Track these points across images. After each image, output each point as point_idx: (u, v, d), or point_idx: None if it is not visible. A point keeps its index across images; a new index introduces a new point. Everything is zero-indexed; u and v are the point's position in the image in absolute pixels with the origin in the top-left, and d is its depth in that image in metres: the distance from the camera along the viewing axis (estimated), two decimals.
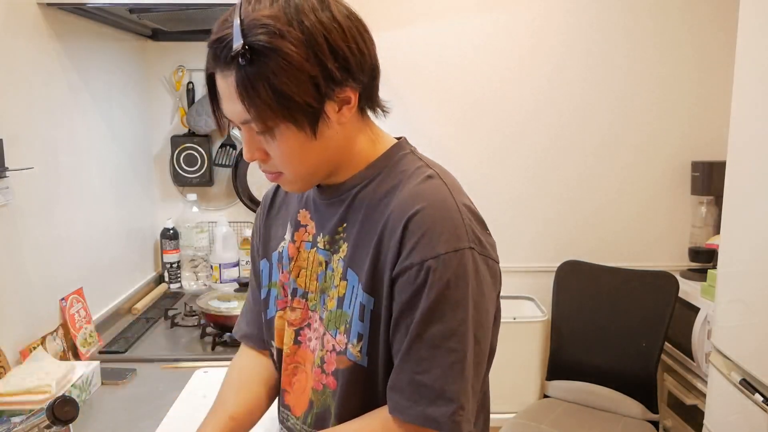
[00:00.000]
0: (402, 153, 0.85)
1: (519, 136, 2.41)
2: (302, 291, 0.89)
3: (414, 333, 0.74)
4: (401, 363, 0.76)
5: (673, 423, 2.24)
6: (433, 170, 0.81)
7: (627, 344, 2.14)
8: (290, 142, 0.76)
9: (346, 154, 0.82)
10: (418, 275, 0.74)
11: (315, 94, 0.73)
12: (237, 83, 0.71)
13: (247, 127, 0.77)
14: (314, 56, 0.71)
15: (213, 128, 2.22)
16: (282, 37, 0.70)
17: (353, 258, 0.82)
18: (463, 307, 0.74)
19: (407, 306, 0.75)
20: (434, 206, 0.76)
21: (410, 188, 0.79)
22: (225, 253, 2.23)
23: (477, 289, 0.75)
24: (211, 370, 1.49)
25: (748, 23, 1.54)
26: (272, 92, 0.70)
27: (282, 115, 0.72)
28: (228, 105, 0.75)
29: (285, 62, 0.70)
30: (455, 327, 0.74)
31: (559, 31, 2.36)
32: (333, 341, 0.83)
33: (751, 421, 1.48)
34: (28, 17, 1.48)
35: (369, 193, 0.82)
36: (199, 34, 2.18)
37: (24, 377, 1.26)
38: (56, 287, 1.58)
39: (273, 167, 0.80)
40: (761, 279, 1.47)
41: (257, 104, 0.71)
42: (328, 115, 0.75)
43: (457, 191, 0.80)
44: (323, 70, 0.72)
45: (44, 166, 1.53)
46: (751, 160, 1.52)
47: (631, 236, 2.45)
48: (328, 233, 0.86)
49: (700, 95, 2.37)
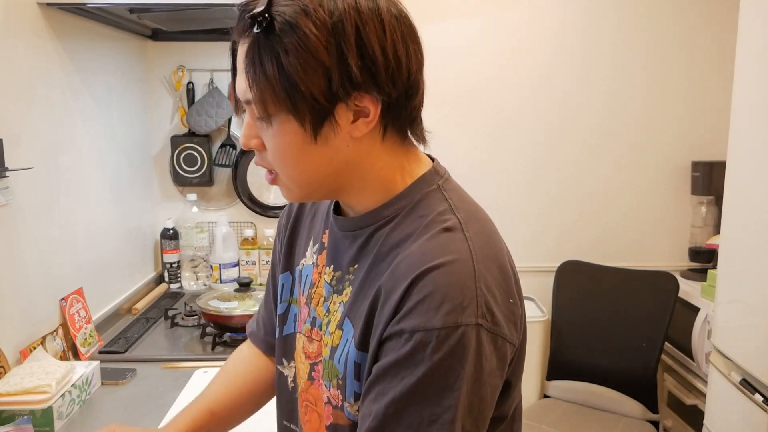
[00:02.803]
0: (427, 190, 0.73)
1: (519, 136, 2.41)
2: (320, 322, 0.80)
3: (391, 409, 0.64)
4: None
5: (673, 423, 2.24)
6: (456, 218, 0.69)
7: (627, 344, 2.14)
8: (287, 138, 0.68)
9: (360, 176, 0.72)
10: (405, 344, 0.63)
11: (325, 89, 0.64)
12: (247, 52, 0.65)
13: (249, 109, 0.70)
14: (336, 45, 0.63)
15: (213, 128, 2.22)
16: (306, 14, 0.63)
17: (353, 307, 0.73)
18: (453, 393, 0.63)
19: (387, 374, 0.65)
20: (444, 270, 0.64)
21: (423, 242, 0.67)
22: (225, 253, 2.23)
23: (475, 373, 0.64)
24: (211, 370, 1.49)
25: (748, 23, 1.54)
26: (278, 72, 0.63)
27: (283, 101, 0.65)
28: (238, 79, 0.68)
29: (300, 42, 0.62)
30: (439, 414, 0.63)
31: (557, 29, 2.36)
32: (327, 393, 0.75)
33: (751, 421, 1.48)
34: (28, 17, 1.48)
35: (382, 237, 0.72)
36: (199, 34, 2.18)
37: (24, 377, 1.26)
38: (56, 287, 1.58)
39: (266, 162, 0.72)
40: (761, 279, 1.47)
41: (261, 82, 0.64)
42: (337, 120, 0.66)
43: (480, 246, 0.68)
44: (342, 64, 0.64)
45: (44, 166, 1.53)
46: (751, 160, 1.52)
47: (631, 236, 2.45)
48: (340, 269, 0.77)
49: (700, 95, 2.37)
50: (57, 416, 1.23)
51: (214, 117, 2.21)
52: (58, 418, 1.24)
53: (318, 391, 0.79)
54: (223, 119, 2.22)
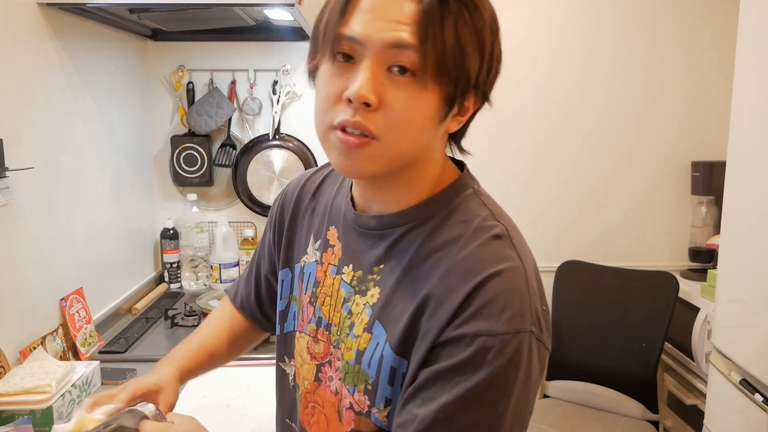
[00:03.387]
0: (465, 193, 0.74)
1: (519, 136, 2.41)
2: (326, 322, 0.78)
3: (441, 414, 0.63)
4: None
5: (673, 423, 2.24)
6: (501, 225, 0.70)
7: (627, 344, 2.14)
8: (423, 106, 0.64)
9: (417, 169, 0.71)
10: (465, 349, 0.62)
11: (475, 75, 0.66)
12: (425, 9, 0.61)
13: (382, 57, 0.63)
14: (490, 38, 0.67)
15: (213, 128, 2.22)
16: (484, 4, 0.66)
17: (386, 311, 0.70)
18: (506, 399, 0.63)
19: (441, 377, 0.63)
20: (504, 276, 0.65)
21: (474, 248, 0.67)
22: (225, 253, 2.23)
23: (524, 381, 0.64)
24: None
25: (748, 23, 1.54)
26: (455, 39, 0.62)
27: (445, 69, 0.63)
28: (384, 23, 0.62)
29: (476, 24, 0.64)
30: (490, 421, 0.63)
31: (557, 29, 2.36)
32: (350, 398, 0.73)
33: (751, 421, 1.48)
34: (28, 17, 1.48)
35: (419, 237, 0.71)
36: (199, 34, 2.19)
37: (24, 377, 1.26)
38: (56, 287, 1.58)
39: (373, 123, 0.64)
40: (761, 279, 1.47)
41: (435, 42, 0.62)
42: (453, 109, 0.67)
43: (525, 253, 0.70)
44: (490, 56, 0.67)
45: (44, 166, 1.53)
46: (751, 160, 1.52)
47: (631, 236, 2.45)
48: (361, 269, 0.75)
49: (700, 95, 2.37)
50: (57, 416, 1.23)
51: (214, 117, 2.21)
52: (58, 418, 1.23)
53: (327, 393, 0.77)
54: (223, 119, 2.22)
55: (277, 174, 2.24)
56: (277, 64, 2.24)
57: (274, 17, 1.88)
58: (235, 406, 1.31)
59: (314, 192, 0.88)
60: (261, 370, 1.50)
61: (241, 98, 2.27)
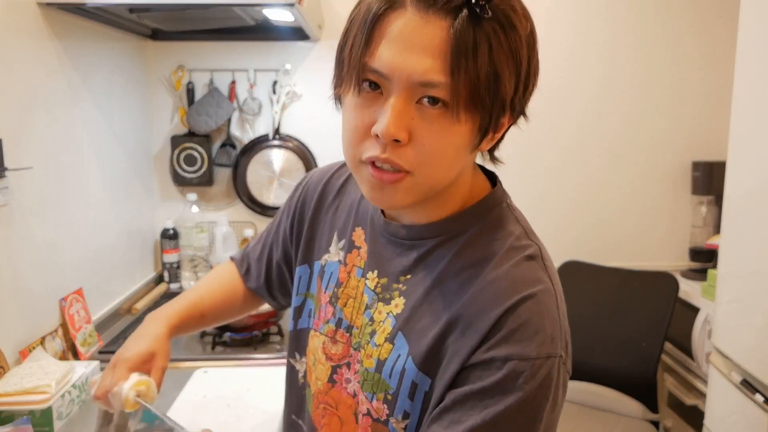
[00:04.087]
0: (498, 209, 0.72)
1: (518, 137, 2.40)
2: (347, 323, 0.77)
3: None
4: None
5: (673, 423, 2.24)
6: (534, 245, 0.68)
7: (627, 344, 2.14)
8: (455, 138, 0.61)
9: (451, 186, 0.69)
10: (496, 372, 0.61)
11: (512, 94, 0.62)
12: (455, 36, 0.57)
13: (410, 92, 0.60)
14: (527, 55, 0.62)
15: (213, 128, 2.22)
16: (520, 20, 0.61)
17: (410, 323, 0.69)
18: (535, 425, 0.62)
19: (470, 400, 0.62)
20: (537, 299, 0.64)
21: (508, 269, 0.65)
22: (225, 253, 2.23)
23: (551, 406, 0.63)
24: (211, 370, 1.49)
25: (749, 23, 1.54)
26: (488, 64, 0.58)
27: (479, 99, 0.59)
28: (412, 56, 0.58)
29: (512, 43, 0.59)
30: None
31: (561, 33, 2.35)
32: (368, 404, 0.72)
33: (751, 421, 1.48)
34: (28, 17, 1.48)
35: (450, 252, 0.69)
36: (199, 34, 2.18)
37: (23, 377, 1.26)
38: (56, 287, 1.58)
39: (404, 159, 0.62)
40: (761, 279, 1.47)
41: (468, 71, 0.57)
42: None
43: (555, 275, 0.68)
44: (527, 74, 0.63)
45: (44, 166, 1.53)
46: (751, 160, 1.52)
47: (631, 236, 2.45)
48: (386, 276, 0.73)
49: (699, 95, 2.37)
50: (57, 416, 1.23)
51: (214, 117, 2.21)
52: (57, 419, 1.23)
53: (342, 395, 0.76)
54: (223, 119, 2.22)
55: (277, 174, 2.24)
56: (277, 64, 2.24)
57: (274, 17, 1.88)
58: (235, 406, 1.31)
59: (339, 189, 0.86)
60: (261, 370, 1.50)
61: (241, 98, 2.27)
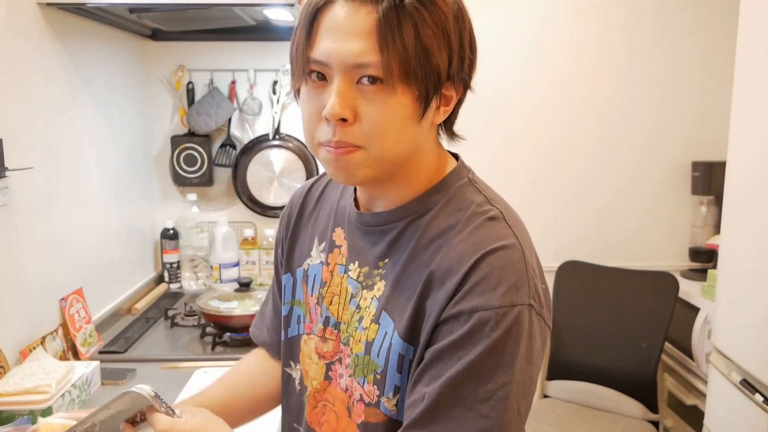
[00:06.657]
0: (461, 183, 0.76)
1: (518, 137, 2.41)
2: (335, 321, 0.79)
3: (445, 389, 0.65)
4: (423, 417, 0.65)
5: (673, 423, 2.24)
6: (495, 208, 0.72)
7: (627, 344, 2.14)
8: (397, 109, 0.66)
9: (413, 165, 0.73)
10: (463, 325, 0.65)
11: (446, 69, 0.67)
12: (381, 18, 0.63)
13: (349, 74, 0.66)
14: (456, 29, 0.67)
15: (213, 128, 2.22)
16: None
17: (391, 301, 0.73)
18: (508, 370, 0.64)
19: (444, 354, 0.66)
20: (498, 254, 0.67)
21: (471, 231, 0.70)
22: (225, 253, 2.23)
23: (526, 353, 0.66)
24: (211, 371, 1.49)
25: (749, 23, 1.54)
26: (415, 40, 0.64)
27: (411, 71, 0.64)
28: (346, 43, 0.64)
29: (438, 19, 0.65)
30: (493, 391, 0.64)
31: (559, 32, 2.35)
32: (360, 390, 0.74)
33: (751, 421, 1.48)
34: (28, 17, 1.48)
35: (420, 228, 0.73)
36: (199, 34, 2.18)
37: (23, 377, 1.26)
38: (56, 287, 1.58)
39: (353, 136, 0.67)
40: (761, 279, 1.47)
41: (396, 47, 0.63)
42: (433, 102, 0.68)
43: (522, 233, 0.72)
44: (460, 47, 0.68)
45: (44, 166, 1.53)
46: (751, 160, 1.52)
47: (631, 236, 2.44)
48: (367, 265, 0.77)
49: (699, 95, 2.36)
50: None
51: (214, 117, 2.21)
52: None
53: (337, 390, 0.78)
54: (223, 119, 2.22)
55: (277, 174, 2.24)
56: (277, 64, 2.24)
57: (274, 17, 1.88)
58: None
59: (318, 198, 0.89)
60: None
61: (241, 98, 2.27)
